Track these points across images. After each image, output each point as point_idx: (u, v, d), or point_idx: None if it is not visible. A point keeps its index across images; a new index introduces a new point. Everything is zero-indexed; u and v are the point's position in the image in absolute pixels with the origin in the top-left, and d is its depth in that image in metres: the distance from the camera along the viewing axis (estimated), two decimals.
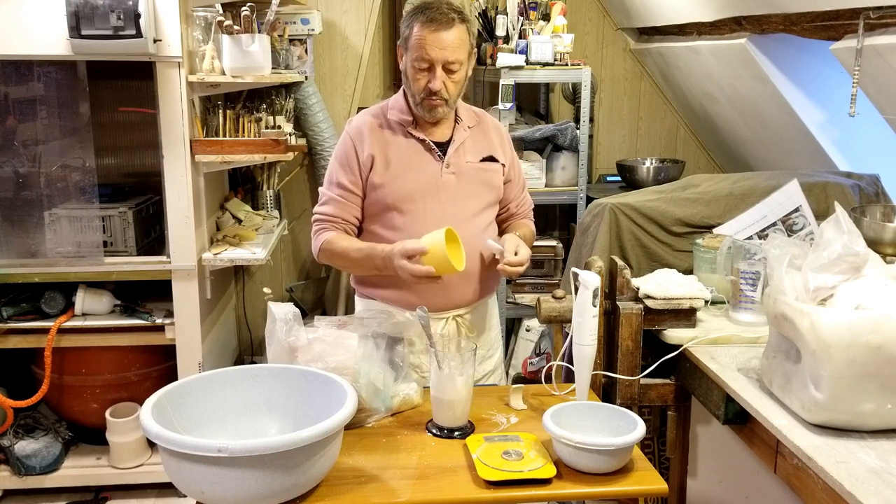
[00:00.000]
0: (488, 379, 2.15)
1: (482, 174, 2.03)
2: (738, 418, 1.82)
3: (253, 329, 3.89)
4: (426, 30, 1.87)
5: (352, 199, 2.00)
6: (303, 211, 3.94)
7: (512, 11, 3.39)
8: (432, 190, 1.97)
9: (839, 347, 1.49)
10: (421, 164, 1.98)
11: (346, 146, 2.01)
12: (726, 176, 2.77)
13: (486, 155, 2.04)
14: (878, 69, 2.22)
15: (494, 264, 2.06)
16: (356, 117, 2.06)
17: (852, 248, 1.61)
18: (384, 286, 2.01)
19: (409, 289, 1.96)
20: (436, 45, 1.87)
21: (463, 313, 2.06)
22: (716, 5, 2.84)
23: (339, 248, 1.97)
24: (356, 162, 1.98)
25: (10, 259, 2.84)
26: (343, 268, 2.04)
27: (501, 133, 2.12)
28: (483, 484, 1.46)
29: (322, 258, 2.04)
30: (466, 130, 2.03)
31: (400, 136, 1.99)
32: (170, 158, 2.79)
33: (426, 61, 1.89)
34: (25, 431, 2.98)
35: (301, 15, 3.52)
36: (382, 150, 1.98)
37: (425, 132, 2.00)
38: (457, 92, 1.96)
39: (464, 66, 1.93)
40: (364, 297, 2.10)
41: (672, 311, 2.04)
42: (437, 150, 1.99)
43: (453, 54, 1.89)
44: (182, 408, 1.48)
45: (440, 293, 1.98)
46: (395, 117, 2.00)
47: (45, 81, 2.82)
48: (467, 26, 1.92)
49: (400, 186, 1.96)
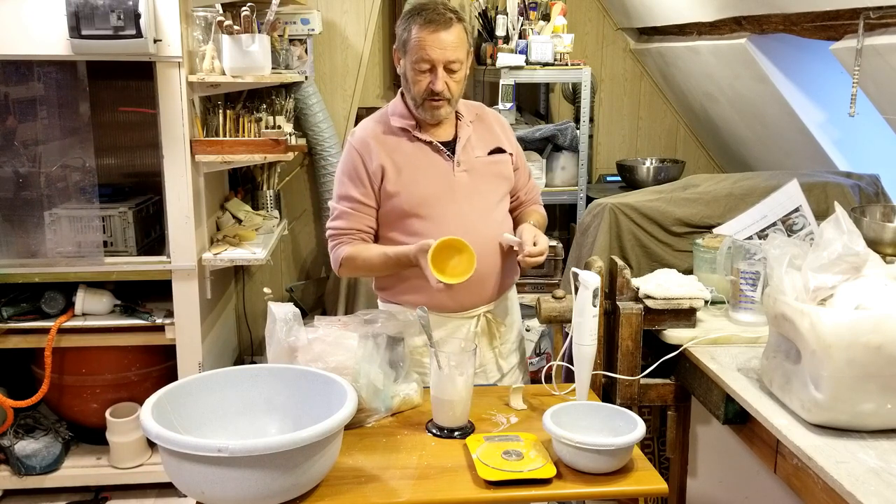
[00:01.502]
0: (514, 373, 2.14)
1: (493, 167, 2.03)
2: (738, 418, 1.82)
3: (253, 329, 3.89)
4: (425, 31, 1.87)
5: (364, 210, 1.99)
6: (303, 211, 3.95)
7: (512, 11, 3.39)
8: (447, 191, 1.97)
9: (839, 347, 1.49)
10: (432, 166, 1.98)
11: (352, 158, 1.99)
12: (726, 176, 2.77)
13: (493, 147, 2.04)
14: (878, 69, 2.22)
15: (513, 256, 2.05)
16: (358, 128, 2.05)
17: (852, 248, 1.61)
18: (409, 291, 2.00)
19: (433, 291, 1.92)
20: (436, 45, 1.87)
21: (490, 308, 2.06)
22: (716, 5, 2.84)
23: (362, 260, 1.97)
24: (365, 174, 1.97)
25: (10, 259, 2.84)
26: (369, 275, 2.05)
27: (503, 123, 2.12)
28: (483, 484, 1.46)
29: (343, 272, 2.04)
30: (469, 126, 2.03)
31: (405, 142, 1.99)
32: (170, 158, 2.79)
33: (427, 62, 1.88)
34: (25, 431, 2.98)
35: (301, 15, 3.52)
36: (391, 159, 1.97)
37: (430, 134, 2.00)
38: (458, 91, 1.96)
39: (464, 65, 1.94)
40: (387, 302, 2.09)
41: (672, 311, 2.04)
42: (445, 151, 1.99)
43: (454, 53, 1.89)
44: (182, 408, 1.48)
45: (466, 292, 1.96)
46: (398, 123, 1.99)
47: (45, 81, 2.82)
48: (464, 25, 1.93)
49: (415, 192, 1.96)
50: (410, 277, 1.99)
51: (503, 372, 2.11)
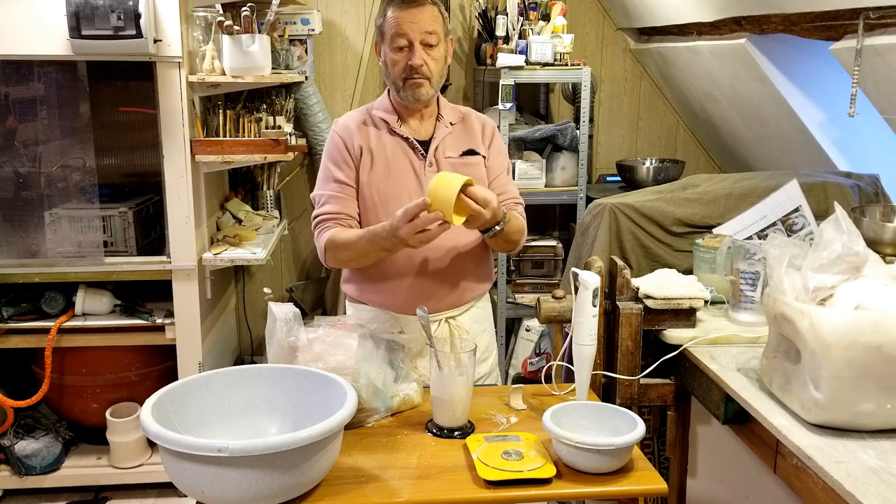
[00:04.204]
0: (483, 382, 2.14)
1: (462, 168, 1.99)
2: (738, 418, 1.82)
3: (253, 329, 3.89)
4: (399, 10, 1.90)
5: (350, 192, 1.98)
6: (303, 211, 3.95)
7: (512, 11, 3.39)
8: (415, 189, 1.97)
9: (839, 347, 1.49)
10: (404, 162, 1.99)
11: (335, 143, 2.00)
12: (726, 176, 2.77)
13: (466, 149, 2.03)
14: (878, 69, 2.22)
15: (484, 264, 2.05)
16: (342, 117, 2.06)
17: (852, 248, 1.61)
18: (375, 291, 2.01)
19: (399, 292, 1.96)
20: (410, 20, 1.89)
21: (455, 315, 2.05)
22: (716, 5, 2.84)
23: (342, 240, 1.91)
24: (349, 155, 1.98)
25: (11, 259, 2.84)
26: (352, 261, 1.96)
27: (485, 126, 2.09)
28: (483, 484, 1.46)
29: (329, 259, 1.97)
30: (448, 127, 2.03)
31: (385, 133, 2.00)
32: (170, 158, 2.79)
33: (403, 37, 1.90)
34: (26, 431, 2.98)
35: (301, 15, 3.52)
36: (369, 146, 1.98)
37: (409, 129, 2.00)
38: (438, 71, 1.95)
39: (441, 41, 1.94)
40: (355, 301, 2.08)
41: (672, 311, 2.04)
42: (419, 149, 1.99)
43: (429, 25, 1.90)
44: (182, 408, 1.48)
45: (430, 295, 1.97)
46: (380, 114, 2.01)
47: (45, 81, 2.82)
48: (439, 8, 1.95)
49: (383, 186, 1.96)
50: (376, 278, 1.99)
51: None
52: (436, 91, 1.99)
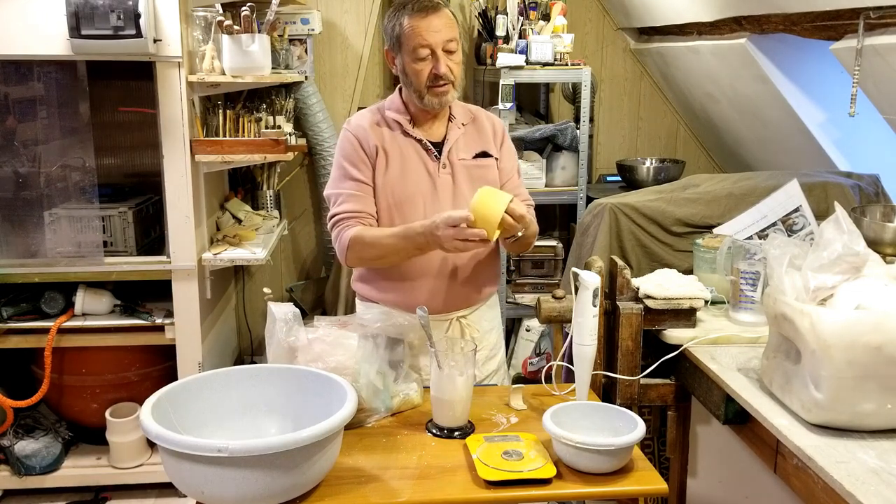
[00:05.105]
0: (491, 379, 2.15)
1: (476, 171, 2.01)
2: (738, 418, 1.82)
3: (253, 329, 3.89)
4: (416, 19, 1.89)
5: (367, 191, 1.97)
6: (303, 211, 3.95)
7: (512, 11, 3.39)
8: (430, 191, 1.97)
9: (839, 347, 1.49)
10: (418, 164, 1.98)
11: (350, 142, 1.99)
12: (726, 176, 2.77)
13: (479, 151, 2.04)
14: (878, 69, 2.22)
15: (493, 265, 2.06)
16: (354, 116, 2.06)
17: (852, 248, 1.61)
18: (392, 290, 2.00)
19: (416, 292, 1.96)
20: (430, 29, 1.88)
21: (466, 314, 2.06)
22: (716, 5, 2.84)
23: (370, 237, 1.89)
24: (364, 154, 1.97)
25: (10, 259, 2.84)
26: (377, 260, 1.94)
27: (498, 129, 2.10)
28: (483, 484, 1.46)
29: (351, 257, 1.94)
30: (461, 128, 2.03)
31: (399, 135, 1.99)
32: (170, 158, 2.79)
33: (426, 48, 1.89)
34: (25, 431, 2.98)
35: (301, 15, 3.52)
36: (384, 147, 1.98)
37: (422, 132, 2.00)
38: (460, 75, 1.97)
39: (459, 46, 1.95)
40: (365, 299, 2.09)
41: (672, 311, 2.04)
42: (433, 151, 1.99)
43: (449, 33, 1.91)
44: (182, 408, 1.48)
45: (446, 294, 1.98)
46: (393, 116, 2.00)
47: (45, 81, 2.82)
48: (450, 10, 1.96)
49: (398, 188, 1.96)
50: (393, 277, 1.98)
51: (478, 379, 2.09)
52: (458, 93, 2.00)
